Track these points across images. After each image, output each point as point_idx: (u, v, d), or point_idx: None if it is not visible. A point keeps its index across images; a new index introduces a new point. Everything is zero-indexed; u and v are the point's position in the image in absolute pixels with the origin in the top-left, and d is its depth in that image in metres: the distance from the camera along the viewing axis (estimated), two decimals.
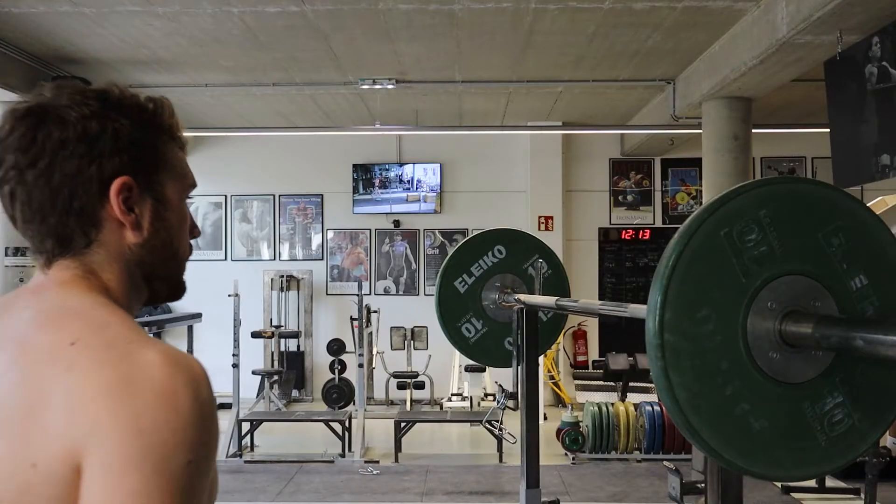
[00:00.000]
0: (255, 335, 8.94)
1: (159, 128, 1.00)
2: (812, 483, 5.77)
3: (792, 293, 1.23)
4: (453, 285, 2.80)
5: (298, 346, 9.70)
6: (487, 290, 2.82)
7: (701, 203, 7.48)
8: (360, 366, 7.31)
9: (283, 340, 9.35)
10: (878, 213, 1.25)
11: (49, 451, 0.78)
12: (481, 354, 2.79)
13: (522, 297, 2.65)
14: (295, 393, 9.50)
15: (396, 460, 6.70)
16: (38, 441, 0.79)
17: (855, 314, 1.25)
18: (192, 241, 1.13)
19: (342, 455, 6.71)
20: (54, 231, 0.93)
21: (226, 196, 9.95)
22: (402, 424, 6.83)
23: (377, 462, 6.64)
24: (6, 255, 6.84)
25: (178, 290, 1.13)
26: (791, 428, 1.23)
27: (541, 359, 8.24)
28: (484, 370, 8.56)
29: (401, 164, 9.78)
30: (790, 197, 1.24)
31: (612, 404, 6.83)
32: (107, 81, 0.97)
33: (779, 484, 5.87)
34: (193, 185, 1.09)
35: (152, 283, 1.04)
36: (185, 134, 1.10)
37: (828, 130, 5.51)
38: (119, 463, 0.77)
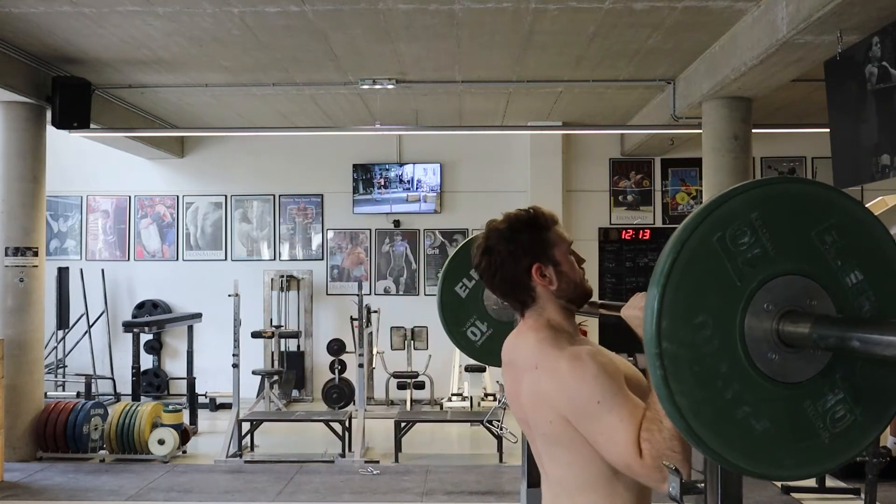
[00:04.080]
0: (255, 335, 8.94)
1: (541, 227, 1.76)
2: (812, 483, 5.77)
3: (788, 294, 1.23)
4: (454, 291, 2.79)
5: (298, 346, 9.70)
6: (489, 291, 2.84)
7: (701, 203, 7.48)
8: (360, 366, 7.31)
9: (283, 340, 9.35)
10: (877, 213, 1.26)
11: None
12: (489, 356, 2.78)
13: None
14: (295, 393, 9.49)
15: (396, 460, 6.70)
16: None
17: (852, 311, 1.25)
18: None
19: (342, 455, 6.71)
20: (516, 300, 1.78)
21: (226, 196, 9.95)
22: (403, 424, 6.83)
23: (377, 462, 6.64)
24: (6, 255, 6.84)
25: (587, 295, 1.80)
26: (793, 427, 1.23)
27: None
28: (484, 370, 8.56)
29: (401, 164, 9.78)
30: (782, 198, 1.24)
31: None
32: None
33: (779, 484, 5.87)
34: (570, 243, 1.79)
35: (571, 301, 1.78)
36: (185, 134, 1.25)
37: (828, 130, 5.51)
38: (569, 387, 1.59)
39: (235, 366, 7.13)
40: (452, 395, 8.77)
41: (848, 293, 1.25)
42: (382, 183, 9.76)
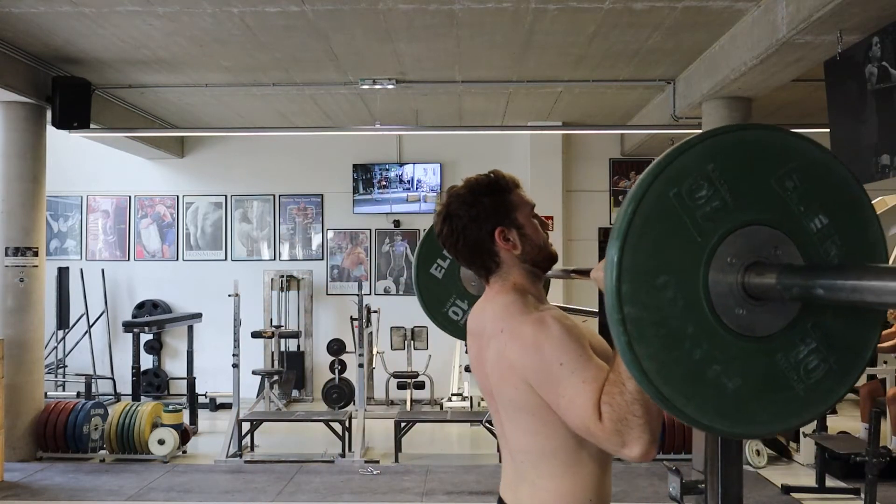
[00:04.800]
0: (255, 335, 8.94)
1: (502, 189, 1.73)
2: (812, 483, 5.78)
3: (751, 245, 1.19)
4: (430, 273, 2.74)
5: (298, 346, 9.70)
6: (465, 268, 2.80)
7: None
8: (361, 366, 7.31)
9: (283, 340, 9.35)
10: (877, 213, 1.23)
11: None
12: None
13: None
14: (295, 393, 9.50)
15: (396, 460, 6.70)
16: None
17: (818, 258, 1.22)
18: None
19: (342, 455, 6.71)
20: (481, 266, 1.75)
21: (226, 196, 9.95)
22: (403, 424, 6.83)
23: (377, 462, 6.64)
24: (6, 255, 6.84)
25: (553, 259, 1.78)
26: (767, 382, 1.20)
27: None
28: None
29: (401, 164, 9.78)
30: (737, 146, 1.19)
31: None
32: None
33: (779, 484, 5.87)
34: (532, 205, 1.76)
35: (537, 264, 1.75)
36: (185, 134, 1.26)
37: (828, 130, 5.51)
38: (533, 350, 1.56)
39: (235, 366, 7.13)
40: (452, 395, 8.77)
41: (813, 239, 1.21)
42: (382, 183, 9.76)
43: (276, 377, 8.71)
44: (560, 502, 1.63)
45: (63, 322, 9.19)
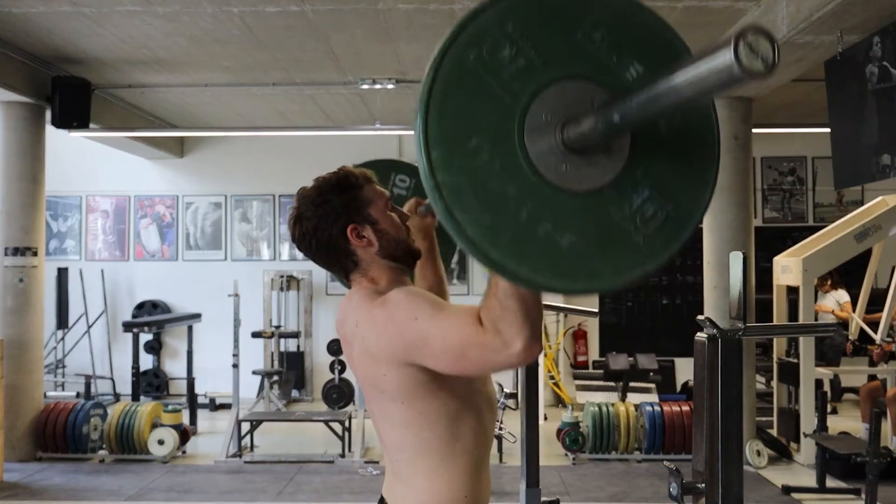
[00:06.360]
0: (255, 335, 8.94)
1: (351, 186, 1.69)
2: (813, 483, 5.77)
3: (566, 100, 1.17)
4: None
5: (298, 347, 9.70)
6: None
7: None
8: None
9: (283, 340, 9.35)
10: (877, 213, 1.22)
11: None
12: None
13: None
14: (295, 393, 9.49)
15: None
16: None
17: None
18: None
19: (342, 455, 6.71)
20: (338, 267, 1.71)
21: (226, 196, 9.95)
22: None
23: (377, 462, 6.64)
24: (6, 255, 6.83)
25: (416, 254, 1.73)
26: (602, 236, 1.17)
27: (541, 359, 8.23)
28: None
29: None
30: (536, 4, 1.17)
31: (613, 404, 6.83)
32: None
33: (779, 484, 5.87)
34: (386, 197, 1.71)
35: (398, 259, 1.69)
36: (185, 134, 1.28)
37: (828, 130, 5.51)
38: (389, 325, 1.53)
39: (235, 366, 7.13)
40: None
41: (632, 87, 1.15)
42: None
43: (275, 377, 8.71)
44: (434, 500, 1.60)
45: (63, 322, 9.19)
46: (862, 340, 7.60)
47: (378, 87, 7.35)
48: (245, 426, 6.98)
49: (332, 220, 1.64)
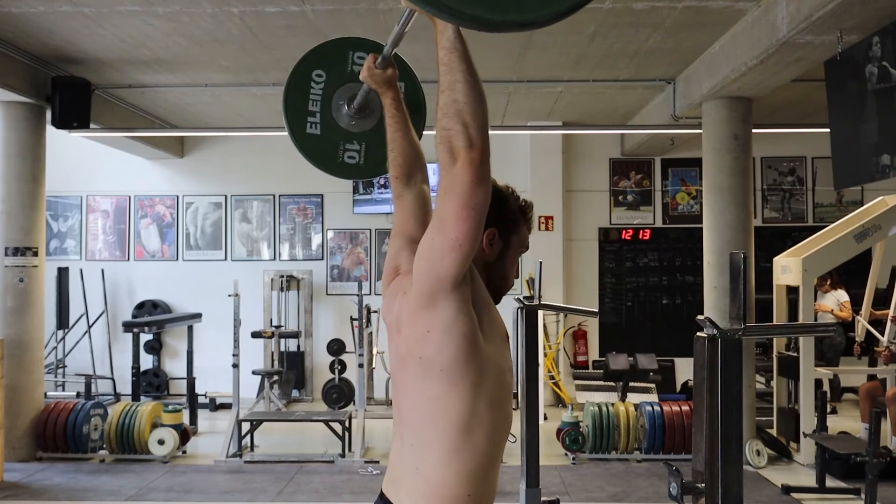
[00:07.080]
0: (255, 335, 8.93)
1: (523, 215, 1.85)
2: (812, 483, 5.78)
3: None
4: (308, 134, 2.59)
5: (298, 346, 9.70)
6: (337, 112, 2.61)
7: (701, 203, 7.47)
8: (361, 366, 7.31)
9: (283, 340, 9.35)
10: (877, 213, 1.22)
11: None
12: (378, 167, 2.54)
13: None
14: (295, 393, 9.49)
15: None
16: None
17: None
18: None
19: (342, 455, 6.71)
20: None
21: (226, 196, 9.95)
22: None
23: (377, 462, 6.64)
24: (6, 255, 6.83)
25: (500, 294, 1.81)
26: None
27: (541, 359, 8.24)
28: None
29: None
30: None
31: (613, 404, 6.83)
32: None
33: (779, 484, 5.87)
34: (526, 248, 1.86)
35: (487, 283, 1.74)
36: (185, 134, 1.29)
37: (828, 130, 5.52)
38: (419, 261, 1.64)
39: (235, 366, 7.13)
40: None
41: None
42: (382, 183, 9.75)
43: (275, 377, 8.71)
44: (437, 493, 1.60)
45: (63, 322, 9.18)
46: (867, 342, 7.60)
47: None
48: (245, 426, 6.98)
49: (494, 210, 1.69)
